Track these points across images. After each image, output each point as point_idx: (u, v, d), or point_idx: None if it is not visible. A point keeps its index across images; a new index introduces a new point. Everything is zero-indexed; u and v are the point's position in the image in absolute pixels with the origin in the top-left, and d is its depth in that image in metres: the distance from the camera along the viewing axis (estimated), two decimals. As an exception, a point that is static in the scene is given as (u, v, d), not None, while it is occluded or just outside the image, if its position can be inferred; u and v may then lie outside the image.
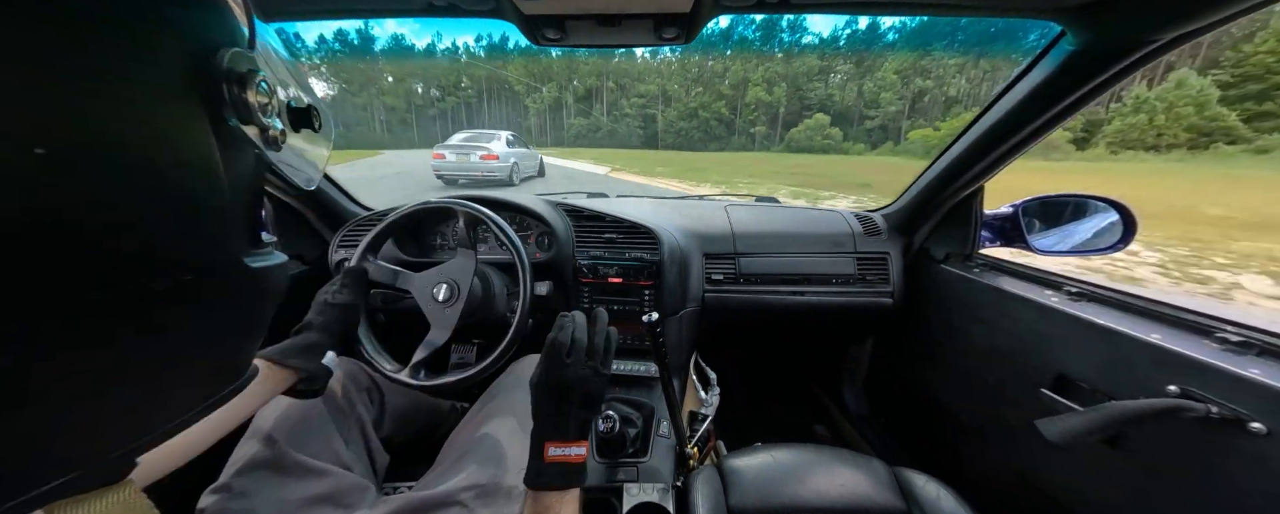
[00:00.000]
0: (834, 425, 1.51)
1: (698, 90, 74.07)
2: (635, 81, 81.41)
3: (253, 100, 0.23)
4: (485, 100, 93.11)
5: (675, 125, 66.18)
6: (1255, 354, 0.54)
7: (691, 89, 75.40)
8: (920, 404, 1.16)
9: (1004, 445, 0.88)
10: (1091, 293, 0.76)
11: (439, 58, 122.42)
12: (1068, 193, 0.97)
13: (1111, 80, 0.61)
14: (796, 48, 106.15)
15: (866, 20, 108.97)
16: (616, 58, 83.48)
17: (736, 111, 67.29)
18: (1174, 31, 0.52)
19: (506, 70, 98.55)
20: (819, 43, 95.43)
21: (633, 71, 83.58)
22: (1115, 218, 0.89)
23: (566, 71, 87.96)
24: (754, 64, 79.15)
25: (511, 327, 0.76)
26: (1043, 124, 0.73)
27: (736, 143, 61.55)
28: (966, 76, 67.43)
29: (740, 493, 0.73)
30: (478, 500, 0.58)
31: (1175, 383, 0.57)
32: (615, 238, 1.07)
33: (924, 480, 0.72)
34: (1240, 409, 0.51)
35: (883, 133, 55.21)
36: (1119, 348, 0.65)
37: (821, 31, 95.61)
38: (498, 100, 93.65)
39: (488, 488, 0.60)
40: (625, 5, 0.48)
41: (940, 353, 1.08)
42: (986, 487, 0.90)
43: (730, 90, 72.09)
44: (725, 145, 58.63)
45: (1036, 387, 0.76)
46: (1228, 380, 0.52)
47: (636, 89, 78.97)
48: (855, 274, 1.14)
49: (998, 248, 1.02)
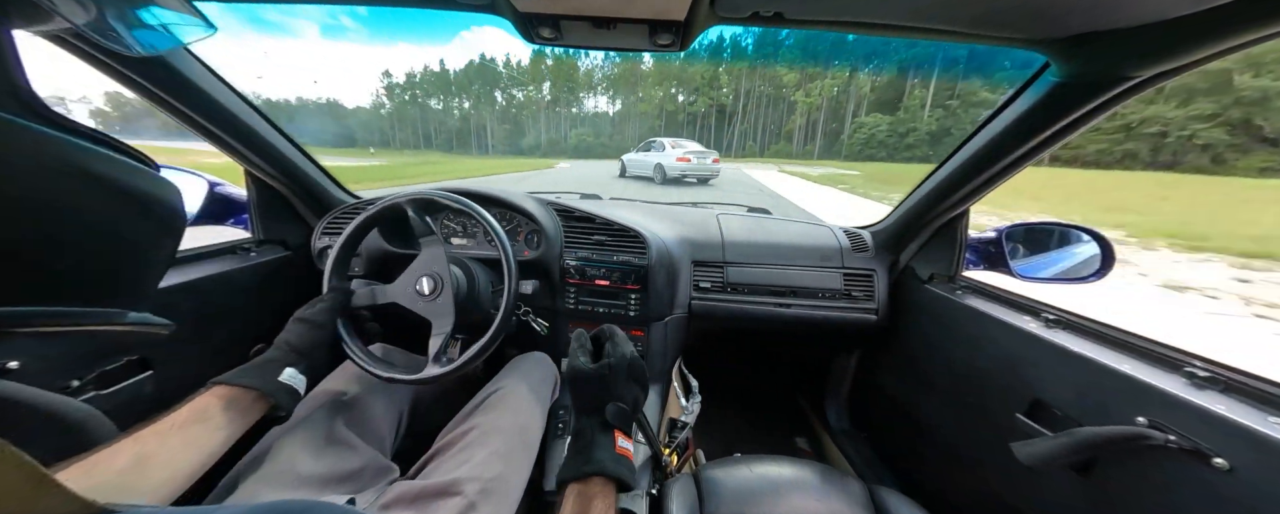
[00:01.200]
0: (815, 438, 1.50)
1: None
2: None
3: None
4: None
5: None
6: (1221, 390, 0.55)
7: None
8: (900, 421, 1.16)
9: (980, 467, 0.88)
10: (1068, 321, 0.77)
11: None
12: (1051, 221, 0.99)
13: (1093, 113, 0.62)
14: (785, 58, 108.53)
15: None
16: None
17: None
18: (1154, 69, 0.53)
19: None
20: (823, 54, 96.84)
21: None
22: (1095, 249, 0.90)
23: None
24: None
25: (494, 323, 0.75)
26: (1026, 152, 0.74)
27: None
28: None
29: (715, 503, 0.72)
30: (480, 495, 0.58)
31: (1144, 414, 0.57)
32: (604, 240, 1.07)
33: (899, 502, 0.73)
34: (1203, 443, 0.51)
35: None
36: (1092, 376, 0.66)
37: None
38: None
39: (494, 485, 0.60)
40: (620, 9, 0.48)
41: (921, 372, 1.08)
42: (961, 508, 0.90)
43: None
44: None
45: (1012, 411, 0.77)
46: (1194, 414, 0.53)
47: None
48: (841, 289, 1.15)
49: (981, 271, 1.03)
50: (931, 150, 47.57)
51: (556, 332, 1.11)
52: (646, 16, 0.50)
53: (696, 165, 10.71)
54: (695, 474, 0.80)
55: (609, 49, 0.60)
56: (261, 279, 1.03)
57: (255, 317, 1.00)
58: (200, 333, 0.88)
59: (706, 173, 10.95)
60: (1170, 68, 0.53)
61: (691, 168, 10.64)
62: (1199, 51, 0.49)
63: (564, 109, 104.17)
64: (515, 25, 0.55)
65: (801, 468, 0.80)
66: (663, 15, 0.50)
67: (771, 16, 0.52)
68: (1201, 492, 0.52)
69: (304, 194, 1.13)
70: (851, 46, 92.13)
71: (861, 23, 0.53)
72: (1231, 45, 0.47)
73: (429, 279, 0.77)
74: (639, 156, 12.12)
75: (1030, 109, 0.67)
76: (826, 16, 0.53)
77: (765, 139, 77.43)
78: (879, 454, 1.27)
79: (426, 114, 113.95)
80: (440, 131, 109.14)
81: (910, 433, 1.11)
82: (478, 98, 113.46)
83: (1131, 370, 0.61)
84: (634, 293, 1.04)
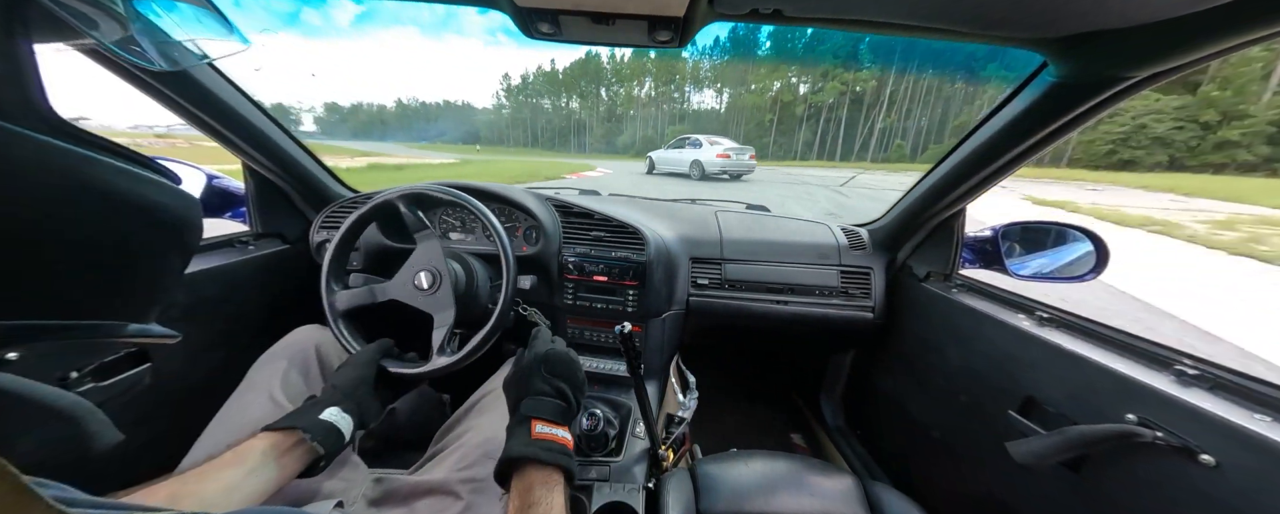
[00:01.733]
0: (810, 435, 1.52)
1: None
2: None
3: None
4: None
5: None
6: (1209, 387, 0.56)
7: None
8: (894, 419, 1.17)
9: (973, 464, 0.89)
10: (1061, 319, 0.78)
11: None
12: (1047, 220, 0.99)
13: (1089, 113, 0.63)
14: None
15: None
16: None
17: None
18: (1149, 70, 0.54)
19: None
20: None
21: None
22: (1089, 248, 0.91)
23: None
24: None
25: (492, 318, 0.76)
26: (1023, 151, 0.74)
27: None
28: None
29: (711, 498, 0.73)
30: (473, 494, 0.58)
31: (1134, 411, 0.58)
32: (603, 236, 1.07)
33: (893, 497, 0.73)
34: (1191, 440, 0.52)
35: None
36: (1084, 374, 0.67)
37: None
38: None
39: (482, 483, 0.60)
40: (619, 5, 0.48)
41: (916, 370, 1.09)
42: (955, 505, 0.91)
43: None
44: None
45: (1005, 408, 0.78)
46: (1183, 411, 0.54)
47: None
48: (838, 287, 1.16)
49: (978, 269, 1.04)
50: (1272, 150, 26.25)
51: (555, 327, 1.11)
52: (645, 12, 0.50)
53: (735, 162, 11.16)
54: (691, 469, 0.81)
55: (608, 44, 0.60)
56: (259, 272, 1.04)
57: (253, 309, 1.00)
58: (198, 325, 0.88)
59: (743, 169, 11.41)
60: (1166, 68, 0.53)
61: (730, 164, 11.09)
62: (1195, 52, 0.49)
63: (666, 105, 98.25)
64: (515, 20, 0.55)
65: (796, 464, 0.81)
66: (661, 11, 0.50)
67: (770, 13, 0.52)
68: (1189, 487, 0.53)
69: (302, 188, 1.13)
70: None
71: (860, 20, 0.53)
72: (1227, 46, 0.47)
73: (427, 273, 0.77)
74: (669, 153, 12.40)
75: (1027, 108, 0.67)
76: (825, 14, 0.53)
77: (926, 137, 57.37)
78: (873, 451, 1.28)
79: (536, 114, 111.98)
80: (546, 130, 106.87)
81: (905, 430, 1.12)
82: (582, 96, 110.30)
83: (1122, 368, 0.62)
84: (632, 289, 1.05)
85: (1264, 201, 10.15)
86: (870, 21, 0.53)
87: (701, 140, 11.77)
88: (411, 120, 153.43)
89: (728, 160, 11.06)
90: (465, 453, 0.64)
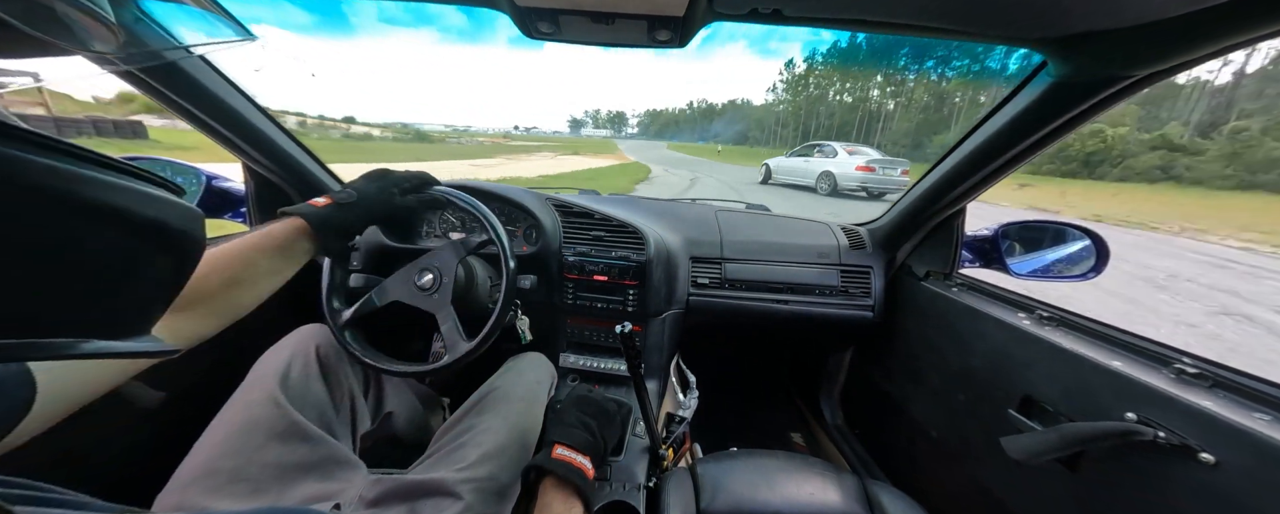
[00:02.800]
0: (810, 434, 1.52)
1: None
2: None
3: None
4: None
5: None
6: (1208, 386, 0.56)
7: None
8: (894, 417, 1.17)
9: (972, 463, 0.90)
10: (1060, 318, 0.78)
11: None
12: (1047, 219, 0.99)
13: (1089, 112, 0.63)
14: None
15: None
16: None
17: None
18: (1148, 69, 0.54)
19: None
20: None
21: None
22: (1088, 245, 0.91)
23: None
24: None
25: (491, 318, 0.76)
26: (1023, 150, 0.75)
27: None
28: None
29: (711, 497, 0.73)
30: (474, 494, 0.58)
31: (1133, 410, 0.58)
32: (603, 236, 1.07)
33: (892, 496, 0.74)
34: (1191, 439, 0.52)
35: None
36: (1082, 373, 0.67)
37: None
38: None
39: (482, 483, 0.60)
40: (619, 4, 0.48)
41: (916, 368, 1.09)
42: (953, 503, 0.91)
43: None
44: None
45: (1004, 407, 0.78)
46: (1182, 410, 0.54)
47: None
48: (838, 286, 1.16)
49: (977, 268, 1.04)
50: None
51: (555, 327, 1.11)
52: (645, 12, 0.50)
53: (880, 177, 8.82)
54: (691, 468, 0.81)
55: (608, 44, 0.60)
56: None
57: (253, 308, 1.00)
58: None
59: (889, 186, 8.78)
60: (1166, 67, 0.53)
61: (873, 179, 8.78)
62: (1195, 51, 0.49)
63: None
64: (515, 19, 0.55)
65: (796, 462, 0.81)
66: (661, 11, 0.50)
67: (770, 14, 0.52)
68: (1188, 486, 0.53)
69: (302, 187, 1.12)
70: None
71: (860, 20, 0.53)
72: (1227, 45, 0.47)
73: (429, 272, 0.77)
74: (793, 162, 10.53)
75: (1027, 107, 0.67)
76: (825, 14, 0.53)
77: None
78: (873, 449, 1.28)
79: (811, 109, 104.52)
80: (817, 128, 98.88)
81: (904, 428, 1.12)
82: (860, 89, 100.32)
83: (1121, 367, 0.62)
84: (632, 289, 1.05)
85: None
86: (870, 21, 0.53)
87: (837, 148, 9.63)
88: (697, 121, 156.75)
89: (871, 174, 8.76)
90: (465, 453, 0.64)
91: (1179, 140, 30.97)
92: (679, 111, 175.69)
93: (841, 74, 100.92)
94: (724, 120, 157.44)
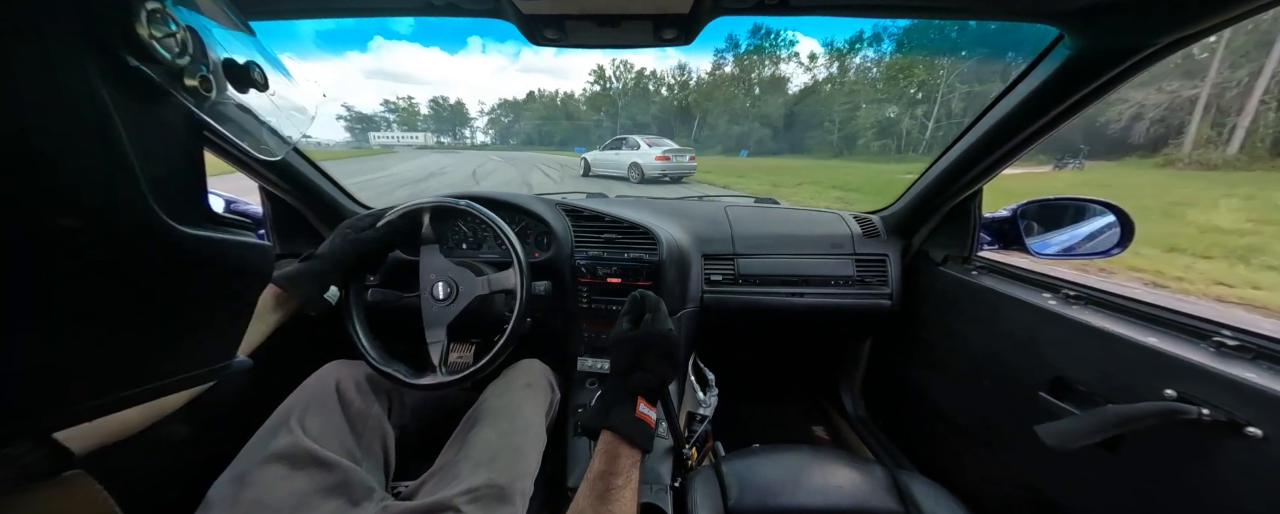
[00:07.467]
0: (832, 427, 1.50)
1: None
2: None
3: (149, 35, 0.19)
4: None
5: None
6: (1251, 358, 0.55)
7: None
8: (917, 406, 1.15)
9: (1002, 449, 0.88)
10: (1089, 296, 0.76)
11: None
12: (1067, 196, 0.97)
13: (1109, 84, 0.61)
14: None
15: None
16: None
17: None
18: (1171, 36, 0.52)
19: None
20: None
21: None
22: (1112, 220, 0.89)
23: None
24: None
25: (509, 326, 0.76)
26: (1040, 127, 0.73)
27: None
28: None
29: (738, 494, 0.73)
30: (473, 505, 0.58)
31: (1172, 386, 0.57)
32: (614, 238, 1.07)
33: (923, 485, 0.72)
34: (1236, 413, 0.51)
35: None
36: (1115, 351, 0.65)
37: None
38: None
39: (483, 492, 0.60)
40: (624, 6, 0.48)
41: (938, 355, 1.08)
42: (985, 490, 0.90)
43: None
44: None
45: (1034, 390, 0.76)
46: (1224, 384, 0.53)
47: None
48: (854, 276, 1.15)
49: (996, 251, 1.02)
50: None
51: (569, 331, 1.12)
52: (651, 12, 0.50)
53: (675, 163, 10.72)
54: (716, 466, 0.80)
55: (614, 47, 0.60)
56: None
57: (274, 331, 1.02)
58: None
59: (683, 171, 10.98)
60: (1186, 34, 0.51)
61: (670, 166, 10.66)
62: (1214, 17, 0.48)
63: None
64: (519, 28, 0.55)
65: (822, 456, 0.80)
66: (667, 9, 0.50)
67: (776, 4, 0.51)
68: (1235, 461, 0.51)
69: (318, 207, 1.14)
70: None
71: (869, 5, 0.52)
72: (1248, 9, 0.46)
73: (444, 284, 0.78)
74: (605, 155, 11.94)
75: (1044, 83, 0.66)
76: (832, 0, 0.52)
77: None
78: (898, 439, 1.27)
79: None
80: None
81: (928, 416, 1.11)
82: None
83: (1157, 342, 0.61)
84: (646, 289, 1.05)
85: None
86: (879, 5, 0.52)
87: (639, 141, 11.26)
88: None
89: (667, 163, 10.62)
90: (461, 468, 0.64)
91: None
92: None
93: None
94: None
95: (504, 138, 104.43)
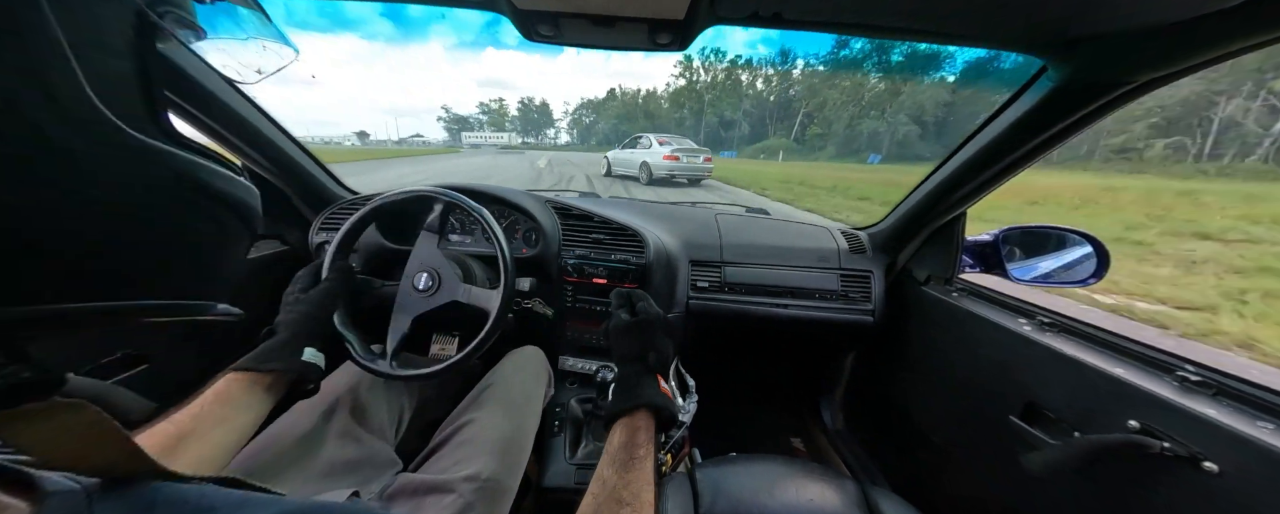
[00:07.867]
0: (810, 439, 1.51)
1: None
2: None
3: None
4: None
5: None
6: (1212, 394, 0.56)
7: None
8: (895, 423, 1.16)
9: (974, 469, 0.89)
10: (1061, 323, 0.77)
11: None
12: (1047, 225, 0.99)
13: (1090, 117, 0.63)
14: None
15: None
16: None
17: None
18: (1147, 75, 0.54)
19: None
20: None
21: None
22: (1089, 251, 0.91)
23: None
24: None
25: (490, 319, 0.75)
26: (1024, 154, 0.74)
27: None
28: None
29: (710, 502, 0.73)
30: (474, 493, 0.60)
31: (1135, 417, 0.58)
32: (603, 239, 1.07)
33: (893, 503, 0.73)
34: (1195, 447, 0.52)
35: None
36: (1084, 379, 0.66)
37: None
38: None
39: (481, 480, 0.62)
40: (620, 8, 0.49)
41: (916, 374, 1.09)
42: (955, 510, 0.90)
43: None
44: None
45: (1006, 413, 0.77)
46: (1185, 418, 0.54)
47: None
48: (838, 290, 1.16)
49: (977, 273, 1.04)
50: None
51: (555, 328, 1.11)
52: (646, 16, 0.50)
53: (686, 164, 10.02)
54: (690, 473, 0.80)
55: (608, 48, 0.60)
56: (258, 274, 1.03)
57: (251, 312, 1.00)
58: (195, 327, 0.87)
59: (697, 173, 10.29)
60: (1165, 73, 0.53)
61: (680, 167, 9.94)
62: (1194, 58, 0.49)
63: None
64: (514, 22, 0.55)
65: (796, 467, 0.80)
66: (662, 14, 0.50)
67: (770, 17, 0.52)
68: (1192, 493, 0.52)
69: (301, 189, 1.13)
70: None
71: (859, 24, 0.53)
72: (1226, 52, 0.47)
73: (428, 276, 0.77)
74: (623, 154, 11.25)
75: (1028, 112, 0.67)
76: (824, 18, 0.53)
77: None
78: (874, 455, 1.27)
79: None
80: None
81: (904, 433, 1.11)
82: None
83: (1124, 373, 0.62)
84: None
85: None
86: (869, 25, 0.53)
87: (652, 139, 10.38)
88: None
89: (677, 163, 9.75)
90: (465, 450, 0.66)
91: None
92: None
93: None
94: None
95: (584, 138, 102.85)
